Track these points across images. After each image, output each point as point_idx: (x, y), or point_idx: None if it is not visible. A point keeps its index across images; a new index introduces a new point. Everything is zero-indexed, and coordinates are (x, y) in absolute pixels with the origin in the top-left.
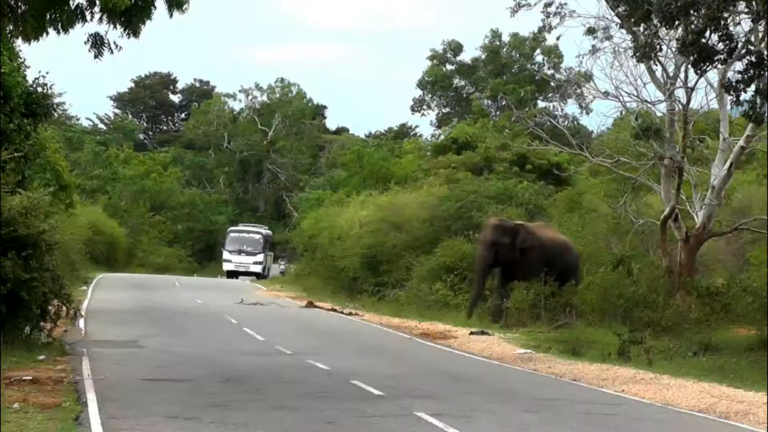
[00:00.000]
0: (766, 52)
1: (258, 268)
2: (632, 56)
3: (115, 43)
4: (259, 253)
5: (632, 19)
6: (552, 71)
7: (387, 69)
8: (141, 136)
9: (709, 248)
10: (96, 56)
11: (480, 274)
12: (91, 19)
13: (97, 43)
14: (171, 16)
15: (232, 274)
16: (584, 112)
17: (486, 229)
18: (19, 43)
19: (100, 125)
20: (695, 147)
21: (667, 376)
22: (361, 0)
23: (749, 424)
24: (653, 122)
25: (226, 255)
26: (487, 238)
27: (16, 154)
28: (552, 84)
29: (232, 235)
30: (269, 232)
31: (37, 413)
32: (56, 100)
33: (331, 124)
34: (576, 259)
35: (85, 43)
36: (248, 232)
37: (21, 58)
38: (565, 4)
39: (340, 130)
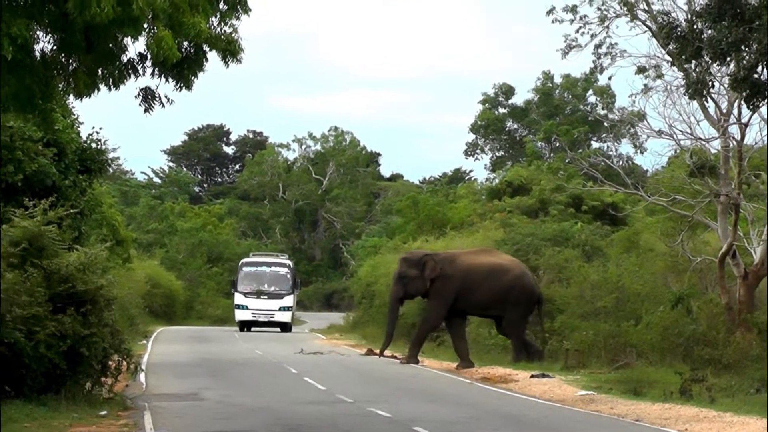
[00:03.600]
0: None
1: (286, 317)
2: (684, 94)
3: (166, 96)
4: (287, 294)
5: (683, 57)
6: (605, 111)
7: (439, 114)
8: (196, 189)
9: None
10: (146, 110)
11: (389, 310)
12: (143, 74)
13: (148, 97)
14: (227, 65)
15: (247, 325)
16: (638, 151)
17: (397, 264)
18: (71, 99)
19: (155, 179)
20: (751, 183)
21: (730, 413)
22: (412, 46)
23: None
24: (708, 159)
25: (239, 299)
26: (396, 272)
27: (72, 211)
28: (605, 124)
29: (246, 269)
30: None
31: None
32: (110, 156)
33: (386, 170)
34: (515, 281)
35: (135, 97)
36: (269, 264)
37: (74, 114)
38: (616, 44)
39: (395, 177)
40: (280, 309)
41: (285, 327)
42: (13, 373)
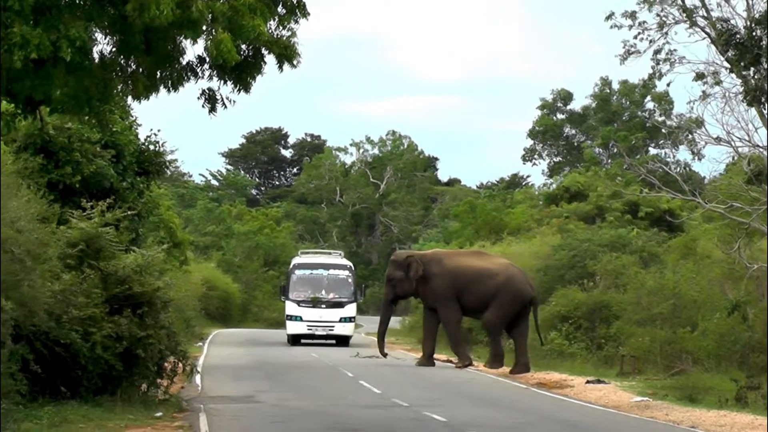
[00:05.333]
0: None
1: (347, 330)
2: (743, 101)
3: (227, 97)
4: (349, 301)
5: (742, 64)
6: (663, 118)
7: (497, 119)
8: (253, 192)
9: None
10: (210, 111)
11: (382, 311)
12: (202, 76)
13: (211, 99)
14: (281, 70)
15: (300, 339)
16: (696, 158)
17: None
18: (130, 101)
19: (213, 182)
20: None
21: None
22: (471, 51)
23: None
24: (765, 167)
25: (290, 308)
26: (386, 274)
27: (129, 212)
28: (663, 130)
29: (299, 273)
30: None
31: None
32: (168, 158)
33: (443, 175)
34: (499, 287)
35: (198, 98)
36: (327, 266)
37: (132, 116)
38: (675, 50)
39: (452, 182)
40: (340, 320)
41: (344, 341)
42: (70, 374)
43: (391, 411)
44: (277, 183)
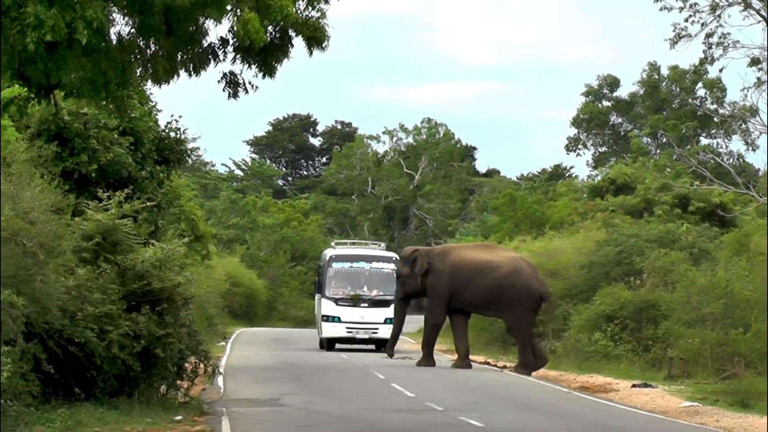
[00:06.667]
0: None
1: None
2: None
3: (250, 82)
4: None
5: None
6: (715, 106)
7: (539, 106)
8: (280, 182)
9: None
10: (230, 96)
11: (394, 310)
12: (224, 59)
13: (232, 83)
14: (311, 54)
15: (335, 344)
16: (750, 148)
17: None
18: (149, 85)
19: (237, 171)
20: None
21: None
22: (512, 34)
23: None
24: None
25: (327, 307)
26: (395, 271)
27: (148, 204)
28: (715, 119)
29: (337, 266)
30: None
31: None
32: (190, 146)
33: (481, 165)
34: (501, 279)
35: (218, 82)
36: (369, 258)
37: (152, 101)
38: (729, 34)
39: (491, 173)
40: (386, 321)
41: (385, 345)
42: (84, 375)
43: (424, 416)
44: (305, 173)
